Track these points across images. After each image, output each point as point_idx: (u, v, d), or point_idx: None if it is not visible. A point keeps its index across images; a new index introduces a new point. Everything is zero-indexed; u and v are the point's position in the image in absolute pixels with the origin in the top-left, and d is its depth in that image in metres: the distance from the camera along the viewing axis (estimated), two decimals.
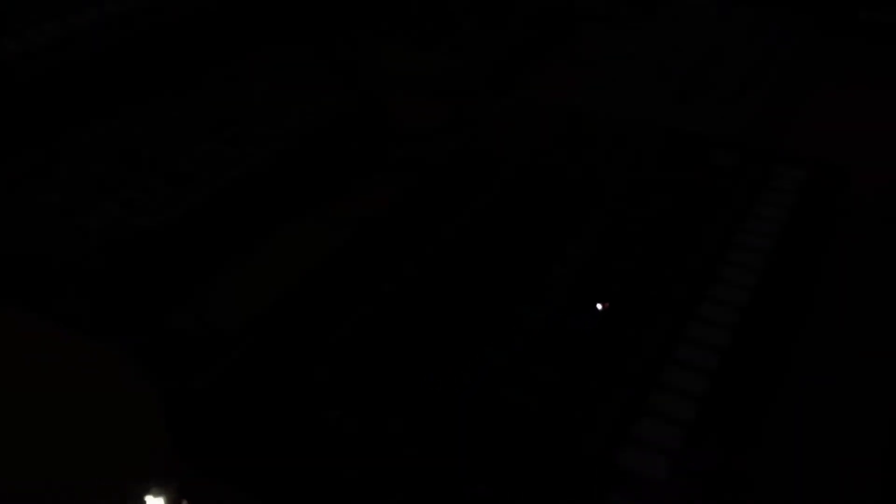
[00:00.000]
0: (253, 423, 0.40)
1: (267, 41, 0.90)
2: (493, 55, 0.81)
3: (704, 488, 0.37)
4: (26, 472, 0.44)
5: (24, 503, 0.42)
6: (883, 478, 0.43)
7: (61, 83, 0.72)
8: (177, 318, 0.53)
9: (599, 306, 0.45)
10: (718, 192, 0.57)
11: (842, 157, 0.61)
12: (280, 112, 0.68)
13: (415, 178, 0.65)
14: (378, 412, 0.40)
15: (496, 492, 0.36)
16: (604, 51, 0.80)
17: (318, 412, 0.40)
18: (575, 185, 0.56)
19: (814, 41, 0.86)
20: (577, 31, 0.94)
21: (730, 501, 0.39)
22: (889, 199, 0.62)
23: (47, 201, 0.55)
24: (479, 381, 0.42)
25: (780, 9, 0.87)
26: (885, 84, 0.82)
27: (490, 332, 0.45)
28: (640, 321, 0.46)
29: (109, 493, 0.42)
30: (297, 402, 0.41)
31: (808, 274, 0.52)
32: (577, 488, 0.37)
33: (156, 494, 0.41)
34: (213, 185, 0.58)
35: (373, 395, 0.41)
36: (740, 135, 0.67)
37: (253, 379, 0.42)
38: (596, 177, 0.57)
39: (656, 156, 0.60)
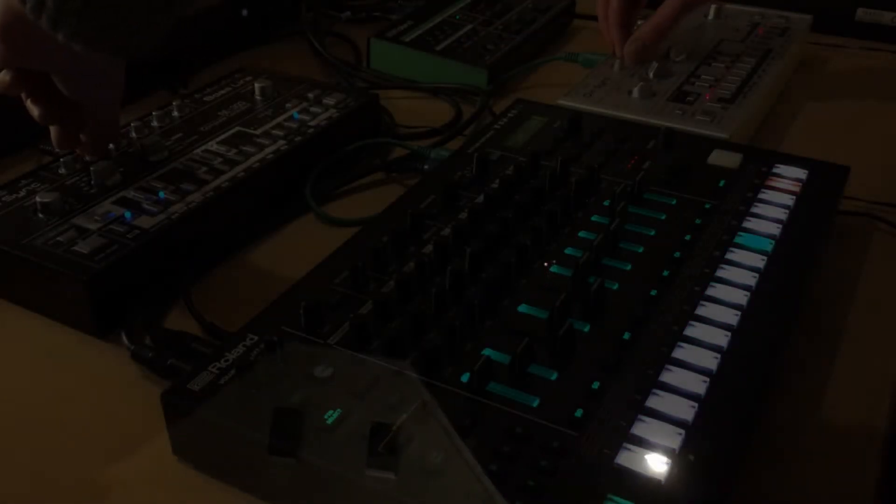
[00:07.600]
0: (252, 422, 0.40)
1: (266, 41, 0.90)
2: (494, 55, 0.81)
3: (704, 488, 0.37)
4: (27, 470, 0.44)
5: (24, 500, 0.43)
6: (882, 476, 0.43)
7: None
8: (176, 318, 0.53)
9: None
10: (718, 191, 0.57)
11: (841, 157, 0.61)
12: (279, 112, 0.67)
13: (415, 178, 0.65)
14: (379, 411, 0.40)
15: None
16: (603, 51, 0.80)
17: (319, 411, 0.40)
18: (575, 184, 0.56)
19: (812, 41, 0.87)
20: (575, 30, 0.94)
21: (728, 501, 0.39)
22: (887, 198, 0.62)
23: (47, 201, 0.55)
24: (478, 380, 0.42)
25: (779, 9, 0.87)
26: (884, 84, 0.82)
27: (490, 330, 0.45)
28: (641, 321, 0.46)
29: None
30: (296, 402, 0.41)
31: (807, 274, 0.52)
32: (577, 488, 0.37)
33: None
34: (214, 184, 0.58)
35: (373, 395, 0.41)
36: (739, 135, 0.67)
37: (252, 378, 0.42)
38: (596, 176, 0.57)
39: (656, 156, 0.60)
